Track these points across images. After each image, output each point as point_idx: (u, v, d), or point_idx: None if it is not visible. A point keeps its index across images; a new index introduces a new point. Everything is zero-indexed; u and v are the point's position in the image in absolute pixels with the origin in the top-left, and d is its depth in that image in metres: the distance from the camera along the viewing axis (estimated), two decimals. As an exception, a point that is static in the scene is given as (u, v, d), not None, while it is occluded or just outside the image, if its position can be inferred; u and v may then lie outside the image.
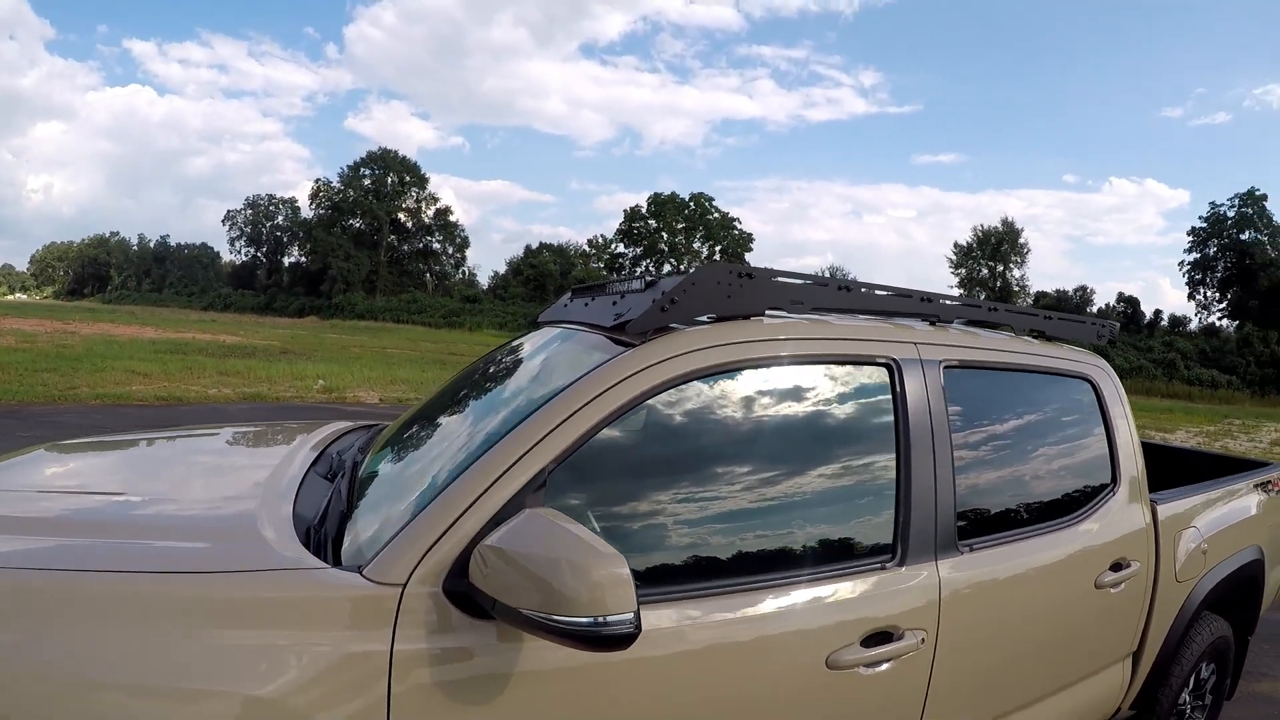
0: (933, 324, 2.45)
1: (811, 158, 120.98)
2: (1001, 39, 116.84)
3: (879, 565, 1.98)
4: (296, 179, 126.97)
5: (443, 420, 2.43)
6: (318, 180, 77.34)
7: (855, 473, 2.07)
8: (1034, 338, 2.79)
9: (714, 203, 70.35)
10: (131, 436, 3.16)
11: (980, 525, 2.24)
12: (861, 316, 2.29)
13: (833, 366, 2.10)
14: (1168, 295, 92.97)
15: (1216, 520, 3.13)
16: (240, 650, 1.40)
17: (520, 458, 1.65)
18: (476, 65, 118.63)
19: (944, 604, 2.03)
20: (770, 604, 1.80)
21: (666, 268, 64.27)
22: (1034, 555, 2.32)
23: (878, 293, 2.29)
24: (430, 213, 77.46)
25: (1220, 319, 56.29)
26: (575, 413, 1.72)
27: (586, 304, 2.40)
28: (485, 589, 1.47)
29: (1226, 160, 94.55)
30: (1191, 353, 42.23)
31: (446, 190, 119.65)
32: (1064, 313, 3.01)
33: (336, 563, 1.64)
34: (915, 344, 2.24)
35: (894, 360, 2.15)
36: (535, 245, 74.33)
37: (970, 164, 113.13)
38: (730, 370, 1.91)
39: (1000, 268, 63.61)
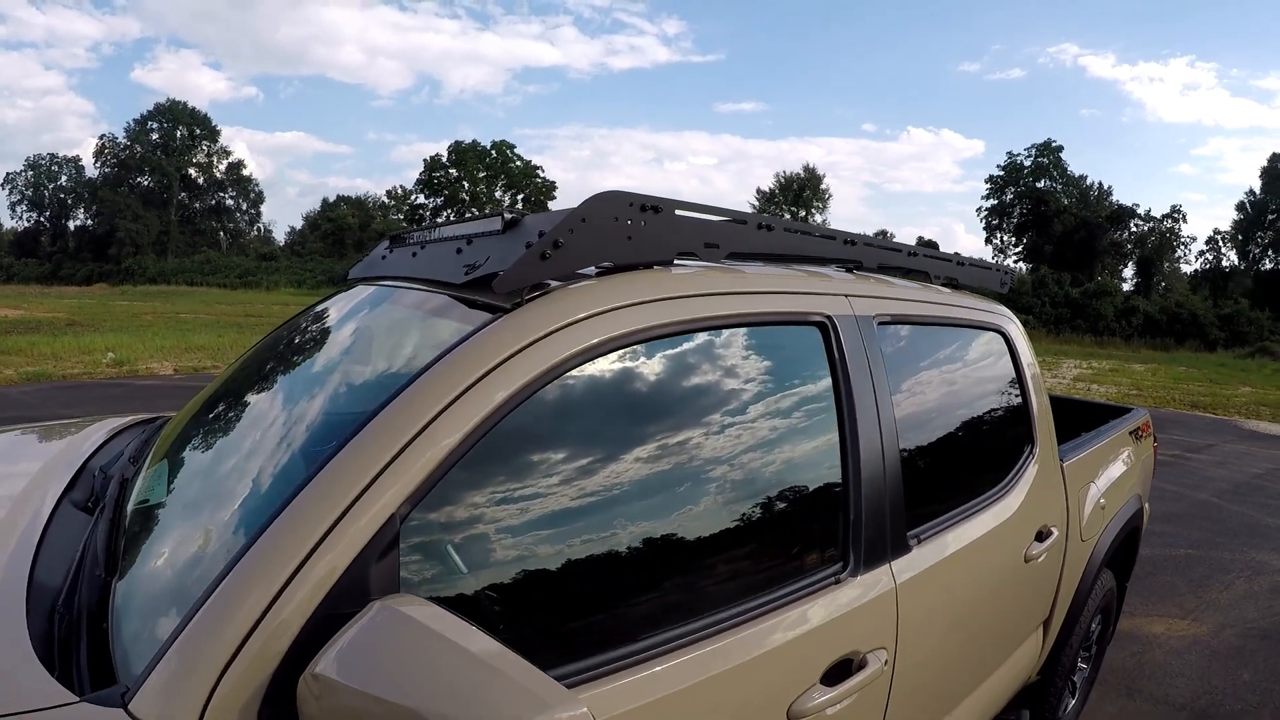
0: (850, 271, 2.09)
1: (614, 106, 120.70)
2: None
3: (832, 579, 1.58)
4: (81, 136, 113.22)
5: (236, 421, 1.80)
6: (103, 136, 70.86)
7: (798, 468, 1.63)
8: (945, 287, 2.50)
9: (515, 150, 69.27)
10: None
11: (924, 512, 1.90)
12: (770, 265, 1.85)
13: (763, 331, 1.65)
14: (962, 240, 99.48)
15: (1110, 473, 3.03)
16: None
17: (353, 503, 1.07)
18: (270, 11, 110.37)
19: (901, 613, 1.68)
20: (719, 654, 1.35)
21: (469, 216, 63.77)
22: (973, 537, 2.03)
23: (800, 234, 1.86)
24: (223, 167, 72.88)
25: (1016, 262, 61.17)
26: (434, 420, 1.15)
27: (415, 254, 1.82)
28: None
29: (1020, 113, 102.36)
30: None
31: (239, 144, 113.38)
32: (973, 259, 2.75)
33: (101, 680, 1.05)
34: (846, 297, 1.85)
35: (828, 318, 1.74)
36: (333, 198, 72.00)
37: (771, 112, 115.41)
38: (645, 341, 1.40)
39: (802, 213, 65.39)
